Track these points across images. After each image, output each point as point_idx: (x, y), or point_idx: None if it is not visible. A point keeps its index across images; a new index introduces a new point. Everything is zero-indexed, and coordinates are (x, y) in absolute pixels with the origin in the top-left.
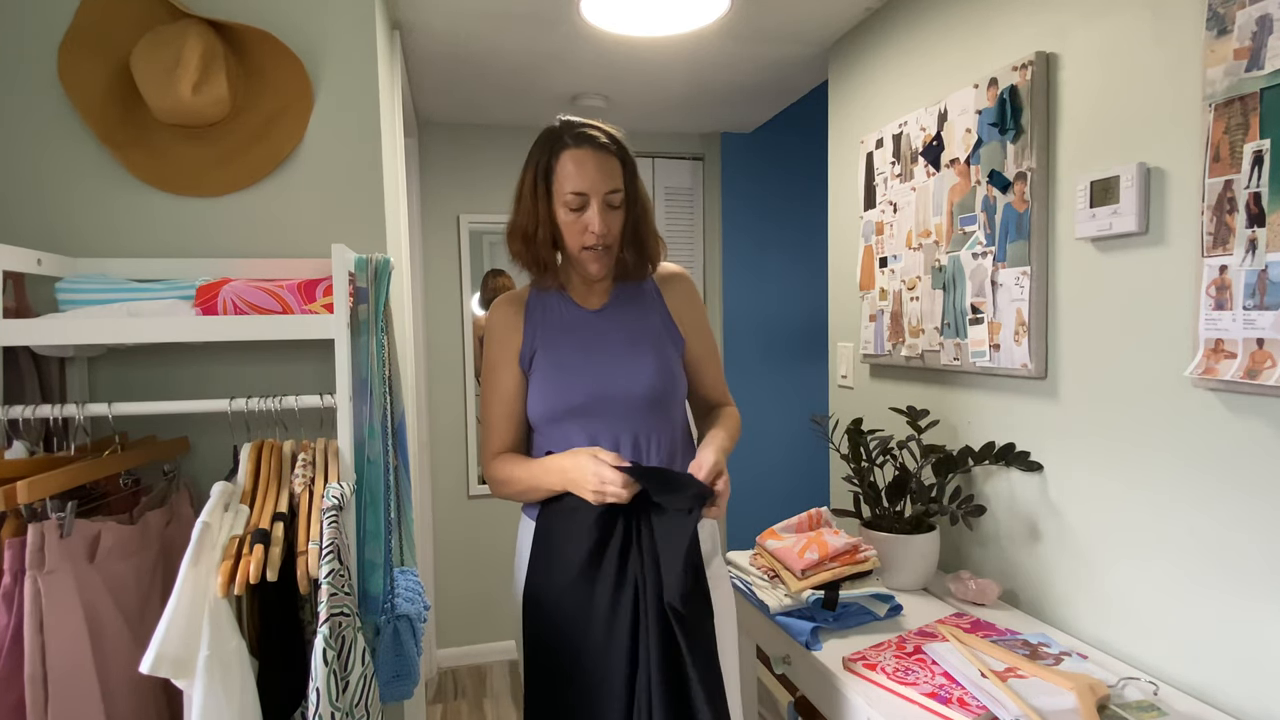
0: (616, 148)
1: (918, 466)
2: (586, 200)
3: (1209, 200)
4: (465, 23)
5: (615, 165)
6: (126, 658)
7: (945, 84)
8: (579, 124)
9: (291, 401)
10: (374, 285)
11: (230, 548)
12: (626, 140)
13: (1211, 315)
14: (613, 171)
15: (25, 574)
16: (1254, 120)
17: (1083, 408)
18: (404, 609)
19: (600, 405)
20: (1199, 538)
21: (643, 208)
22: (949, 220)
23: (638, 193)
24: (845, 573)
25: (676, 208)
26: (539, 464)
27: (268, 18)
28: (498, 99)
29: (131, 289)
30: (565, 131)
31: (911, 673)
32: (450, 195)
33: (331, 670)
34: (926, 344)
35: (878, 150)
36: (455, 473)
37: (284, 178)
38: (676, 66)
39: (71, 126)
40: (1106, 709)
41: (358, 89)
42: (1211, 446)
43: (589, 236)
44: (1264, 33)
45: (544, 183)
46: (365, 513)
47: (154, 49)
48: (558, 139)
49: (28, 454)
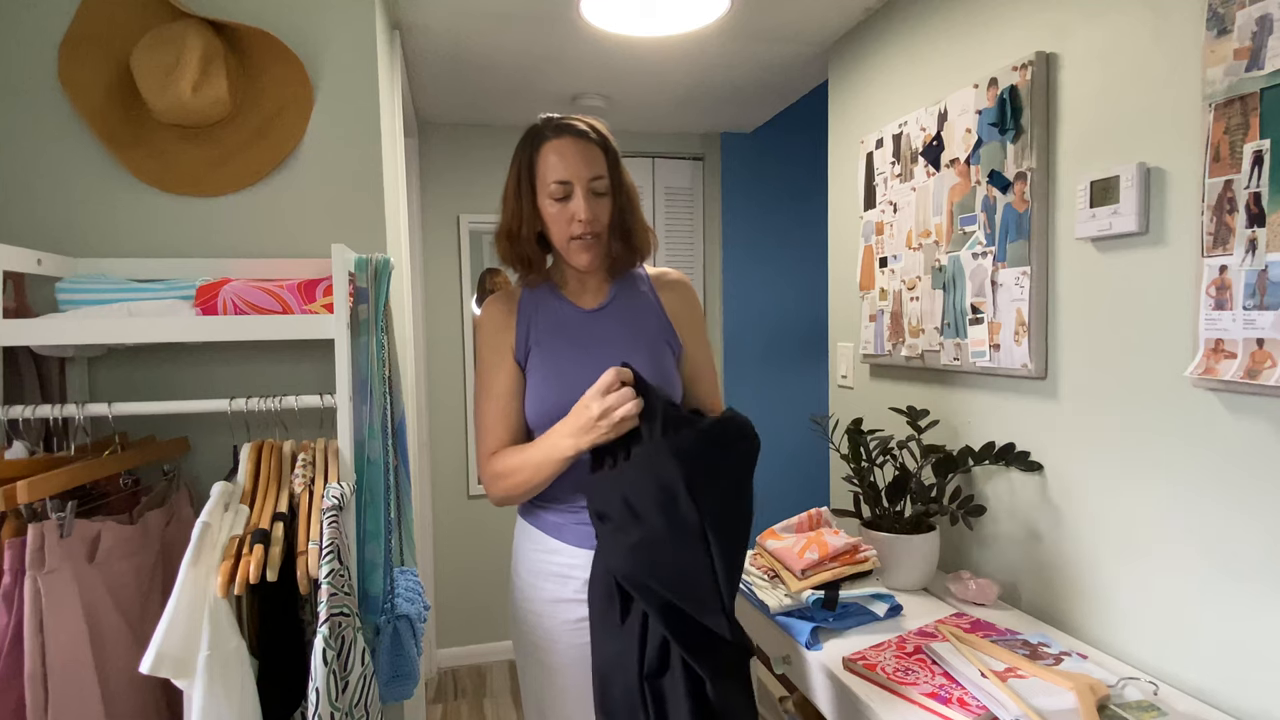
0: (598, 136)
1: (918, 466)
2: (571, 189)
3: (1209, 200)
4: (465, 23)
5: (597, 153)
6: (126, 658)
7: (945, 84)
8: (559, 118)
9: (291, 401)
10: (374, 285)
11: (230, 548)
12: (609, 131)
13: (1211, 315)
14: (595, 159)
15: (25, 574)
16: (1254, 120)
17: (1083, 408)
18: (404, 609)
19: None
20: (1199, 537)
21: (628, 196)
22: (949, 220)
23: (622, 181)
24: (845, 573)
25: (676, 208)
26: (536, 441)
27: (268, 18)
28: (498, 99)
29: (131, 289)
30: (545, 126)
31: (911, 673)
32: (450, 195)
33: (331, 670)
34: (926, 344)
35: (878, 150)
36: (455, 473)
37: (284, 178)
38: (676, 66)
39: (72, 126)
40: (1106, 709)
41: (358, 89)
42: (1211, 447)
43: (576, 225)
44: (1264, 33)
45: (528, 179)
46: (365, 513)
47: (154, 49)
48: (538, 134)
49: (28, 454)
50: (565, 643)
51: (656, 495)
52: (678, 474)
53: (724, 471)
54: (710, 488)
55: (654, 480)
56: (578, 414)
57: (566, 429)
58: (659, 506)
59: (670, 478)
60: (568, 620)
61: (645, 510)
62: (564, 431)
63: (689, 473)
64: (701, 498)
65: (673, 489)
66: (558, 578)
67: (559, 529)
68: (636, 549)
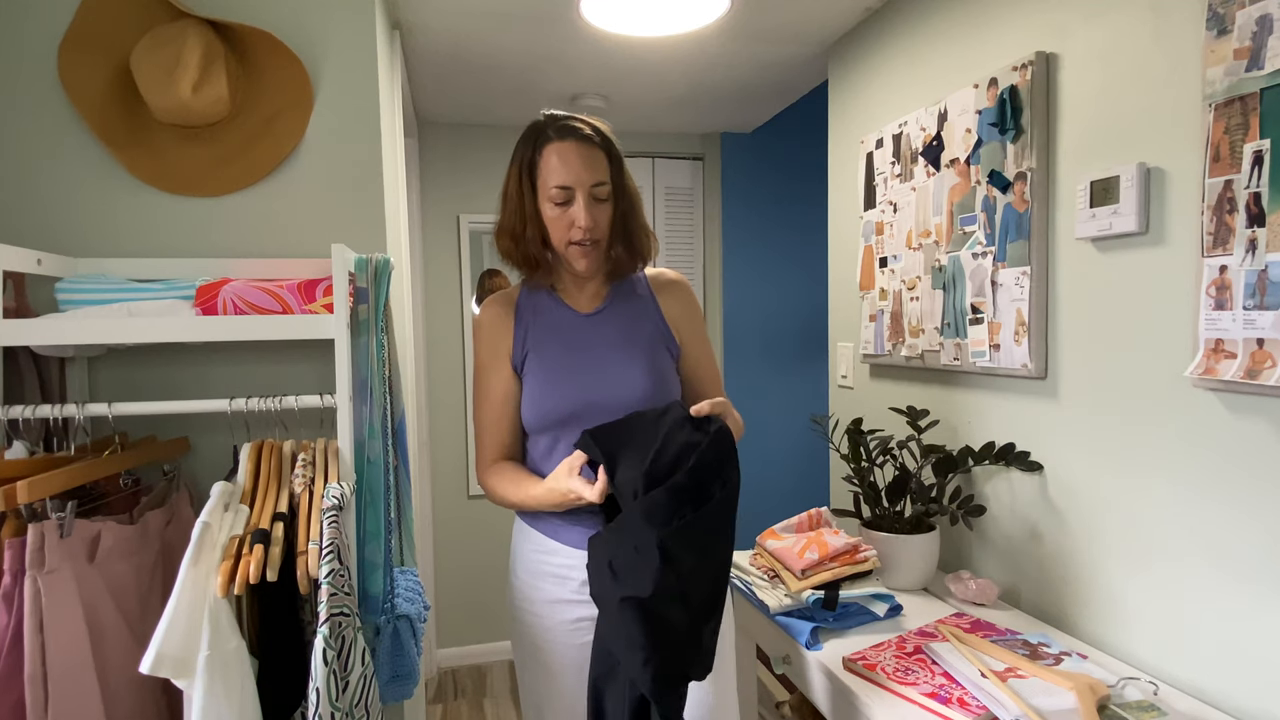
0: (601, 139)
1: (918, 466)
2: (572, 194)
3: (1209, 200)
4: (465, 23)
5: (600, 157)
6: (126, 658)
7: (945, 84)
8: (562, 117)
9: (291, 401)
10: (374, 285)
11: (230, 548)
12: (612, 133)
13: (1211, 315)
14: (597, 164)
15: (25, 574)
16: (1254, 120)
17: (1083, 408)
18: (404, 609)
19: (592, 412)
20: (1199, 537)
21: (630, 201)
22: (949, 220)
23: (625, 185)
24: (845, 573)
25: (676, 208)
26: (527, 487)
27: (268, 18)
28: (498, 99)
29: (131, 289)
30: (548, 125)
31: (911, 673)
32: (450, 195)
33: (331, 670)
34: (926, 344)
35: (878, 150)
36: (455, 473)
37: (284, 178)
38: (676, 66)
39: (71, 126)
40: (1106, 709)
41: (358, 89)
42: (1211, 447)
43: (576, 231)
44: (1264, 33)
45: (529, 178)
46: (365, 513)
47: (154, 49)
48: (541, 133)
49: (28, 454)
50: (563, 643)
51: (633, 559)
52: (651, 540)
53: (696, 533)
54: (684, 552)
55: (631, 545)
56: (550, 490)
57: (550, 493)
58: (633, 570)
59: (645, 542)
60: (565, 620)
61: (623, 572)
62: (547, 488)
63: (661, 538)
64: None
65: (648, 553)
66: (555, 578)
67: (557, 530)
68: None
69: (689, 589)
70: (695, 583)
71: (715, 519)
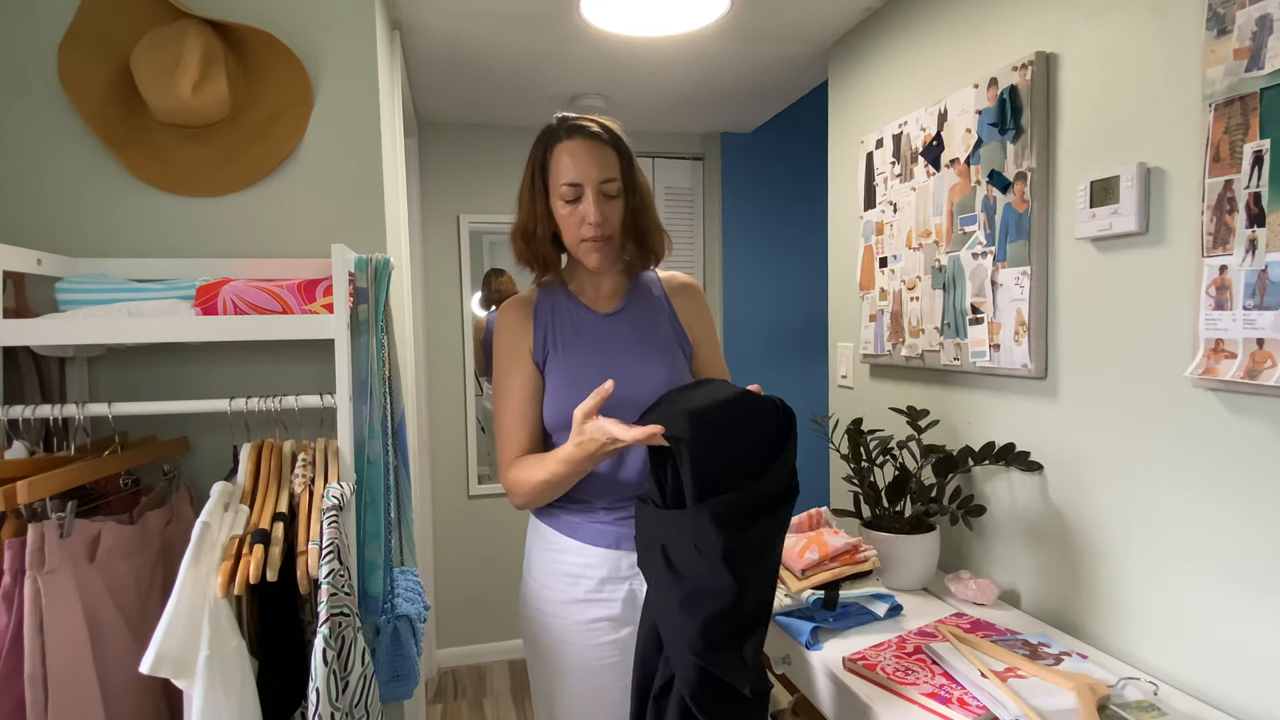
0: (610, 137)
1: (918, 466)
2: (581, 191)
3: (1209, 200)
4: (465, 23)
5: (610, 154)
6: (126, 658)
7: (945, 84)
8: (573, 118)
9: (291, 401)
10: (374, 285)
11: (230, 548)
12: (623, 131)
13: (1211, 315)
14: (607, 161)
15: (25, 574)
16: (1254, 120)
17: (1083, 408)
18: (404, 609)
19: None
20: (1199, 537)
21: (641, 198)
22: (949, 220)
23: (635, 182)
24: (845, 573)
25: (677, 208)
26: (553, 455)
27: (268, 18)
28: (498, 99)
29: (131, 289)
30: (560, 126)
31: (911, 673)
32: (450, 195)
33: (331, 670)
34: (926, 344)
35: (878, 150)
36: (455, 473)
37: (284, 178)
38: (676, 66)
39: (71, 126)
40: (1106, 709)
41: (358, 89)
42: (1211, 447)
43: (586, 228)
44: (1264, 33)
45: (541, 179)
46: (365, 513)
47: (154, 49)
48: (552, 134)
49: (28, 454)
50: (576, 644)
51: (692, 556)
52: (716, 542)
53: (761, 535)
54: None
55: (691, 542)
56: (579, 444)
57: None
58: (690, 565)
59: (708, 544)
60: (579, 621)
61: (681, 566)
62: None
63: (727, 543)
64: (737, 569)
65: (710, 556)
66: (569, 578)
67: (574, 527)
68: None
69: (744, 596)
70: (751, 590)
71: (780, 524)
